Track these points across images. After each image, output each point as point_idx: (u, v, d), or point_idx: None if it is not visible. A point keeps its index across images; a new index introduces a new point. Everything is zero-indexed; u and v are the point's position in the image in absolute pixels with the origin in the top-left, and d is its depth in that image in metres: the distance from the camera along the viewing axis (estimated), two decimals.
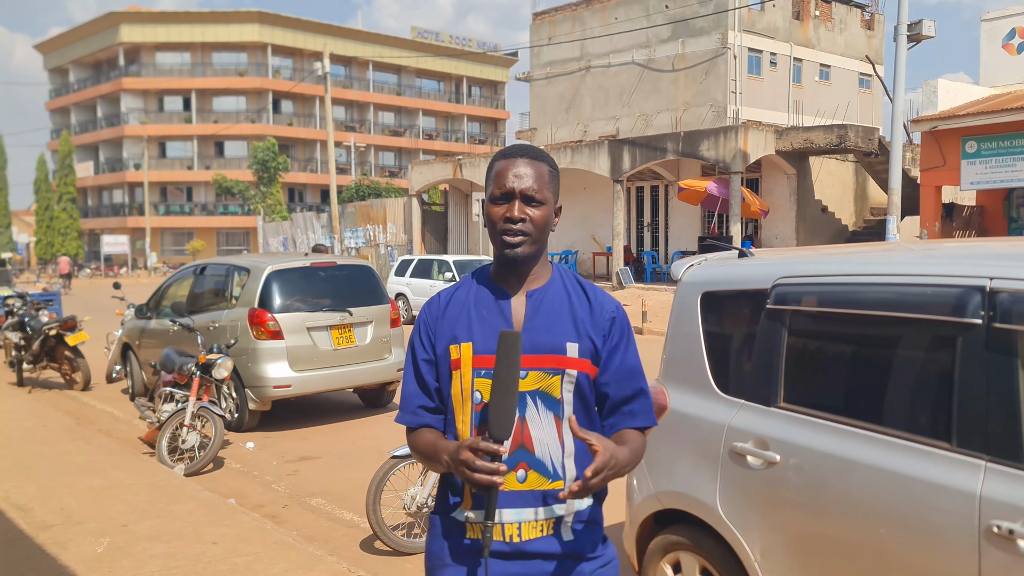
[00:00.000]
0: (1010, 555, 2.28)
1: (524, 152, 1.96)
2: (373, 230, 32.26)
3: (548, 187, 1.95)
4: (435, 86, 68.72)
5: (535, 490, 1.91)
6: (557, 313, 1.97)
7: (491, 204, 1.95)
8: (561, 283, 2.02)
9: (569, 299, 2.00)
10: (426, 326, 2.05)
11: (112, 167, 61.06)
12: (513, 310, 1.97)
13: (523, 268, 1.98)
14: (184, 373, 7.33)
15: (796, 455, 2.90)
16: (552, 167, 1.99)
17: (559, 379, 1.93)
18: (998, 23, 18.47)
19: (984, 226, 19.69)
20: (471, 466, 1.77)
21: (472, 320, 1.97)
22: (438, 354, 2.00)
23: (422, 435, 2.03)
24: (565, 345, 1.94)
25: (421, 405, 2.04)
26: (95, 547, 4.68)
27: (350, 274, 9.24)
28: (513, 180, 1.92)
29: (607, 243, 25.49)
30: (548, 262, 2.05)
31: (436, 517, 2.03)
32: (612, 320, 2.00)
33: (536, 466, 1.91)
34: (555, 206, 1.99)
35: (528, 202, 1.92)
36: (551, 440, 1.93)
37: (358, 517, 5.75)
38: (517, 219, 1.91)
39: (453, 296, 2.05)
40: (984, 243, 3.43)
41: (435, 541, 2.03)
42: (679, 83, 29.10)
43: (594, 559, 1.99)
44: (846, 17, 31.67)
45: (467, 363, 1.94)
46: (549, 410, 1.93)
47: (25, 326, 10.95)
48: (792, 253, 3.68)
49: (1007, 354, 2.40)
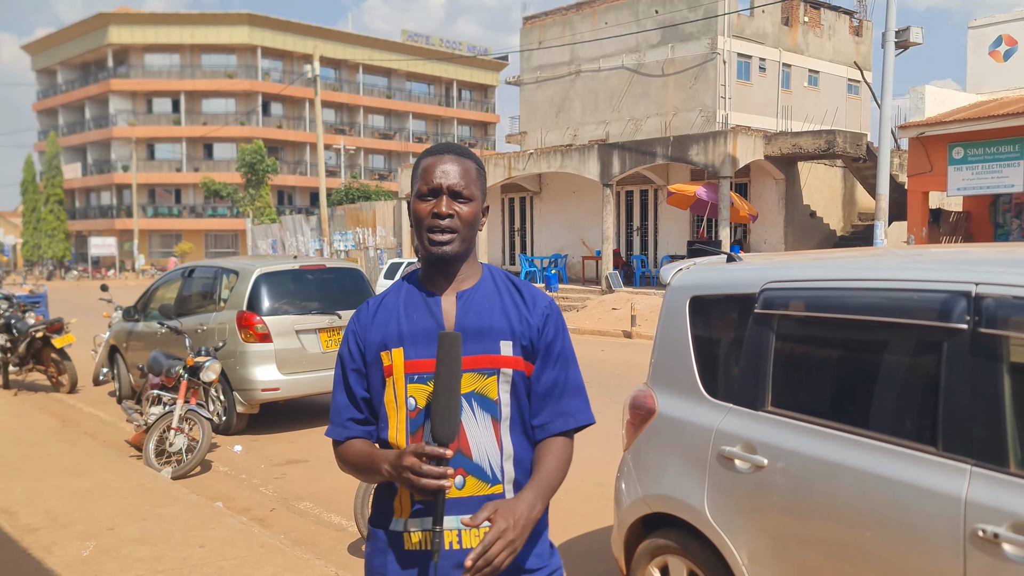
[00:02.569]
0: (995, 559, 2.29)
1: (451, 149, 1.95)
2: (362, 233, 32.19)
3: (475, 184, 1.94)
4: (425, 89, 68.72)
5: (474, 496, 1.86)
6: (489, 312, 1.92)
7: (418, 200, 1.92)
8: (492, 282, 1.99)
9: (500, 297, 1.96)
10: (355, 335, 2.00)
11: (100, 169, 60.74)
12: (444, 311, 1.93)
13: (452, 268, 1.94)
14: (172, 376, 7.30)
15: (783, 459, 2.92)
16: (479, 165, 1.97)
17: (495, 379, 1.89)
18: (985, 30, 18.60)
19: (970, 232, 19.81)
20: (417, 471, 1.73)
21: (402, 325, 1.92)
22: (368, 362, 1.96)
23: (353, 446, 1.97)
24: (499, 344, 1.90)
25: (350, 418, 1.99)
26: (81, 550, 4.65)
27: (339, 277, 9.22)
28: (440, 176, 1.90)
29: (596, 247, 25.52)
30: (477, 262, 2.01)
31: (379, 531, 1.97)
32: (546, 316, 1.97)
33: (474, 471, 1.87)
34: (483, 204, 1.97)
35: (456, 198, 1.90)
36: (489, 443, 1.89)
37: (346, 520, 5.73)
38: (445, 214, 1.88)
39: (382, 303, 2.00)
40: (970, 249, 3.46)
41: (376, 555, 1.97)
42: (669, 88, 29.19)
43: (540, 569, 1.94)
44: (835, 23, 31.86)
45: (399, 369, 1.90)
46: (486, 412, 1.89)
47: (11, 328, 10.87)
48: (780, 258, 3.69)
49: (992, 359, 2.42)
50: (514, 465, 1.91)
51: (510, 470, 1.91)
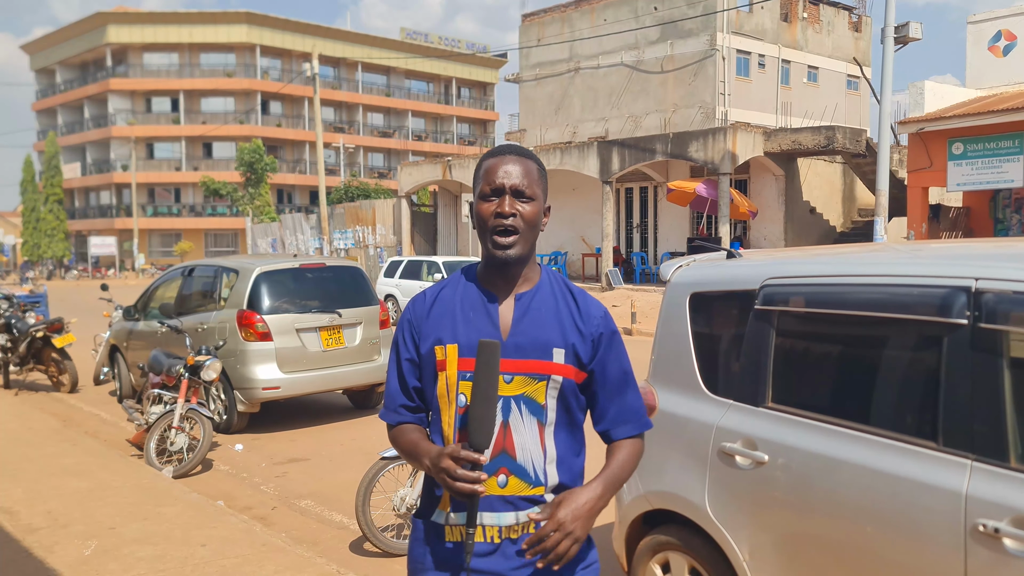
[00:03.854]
0: (996, 553, 2.29)
1: (512, 150, 1.97)
2: (362, 231, 32.19)
3: (537, 184, 1.95)
4: (424, 87, 68.67)
5: (516, 495, 1.90)
6: (544, 318, 1.95)
7: (481, 201, 1.94)
8: (550, 287, 2.01)
9: (557, 304, 1.98)
10: (410, 325, 2.02)
11: (99, 168, 60.72)
12: (500, 314, 1.95)
13: (513, 270, 1.96)
14: (172, 375, 7.30)
15: (784, 455, 2.92)
16: (540, 165, 1.99)
17: (544, 385, 1.92)
18: (984, 25, 18.59)
19: (970, 227, 19.81)
20: (452, 474, 1.78)
21: (458, 322, 1.95)
22: (422, 354, 1.99)
23: (405, 433, 2.03)
24: (552, 351, 1.92)
25: (403, 404, 2.04)
26: (82, 550, 4.65)
27: (339, 275, 9.22)
28: (503, 176, 1.91)
29: (596, 244, 25.52)
30: (537, 264, 2.03)
31: (418, 521, 2.02)
32: (601, 327, 1.99)
33: (517, 472, 1.90)
34: (544, 205, 1.98)
35: (518, 197, 1.92)
36: (533, 446, 1.92)
37: (347, 519, 5.73)
38: (508, 213, 1.89)
39: (439, 295, 2.02)
40: (970, 244, 3.45)
41: (416, 545, 2.02)
42: (668, 85, 29.17)
43: (576, 561, 1.98)
44: (834, 19, 31.82)
45: (452, 365, 1.93)
46: (533, 415, 1.92)
47: (11, 328, 10.87)
48: (780, 254, 3.69)
49: (992, 354, 2.42)
50: (557, 467, 1.95)
51: (553, 473, 1.95)
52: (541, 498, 1.92)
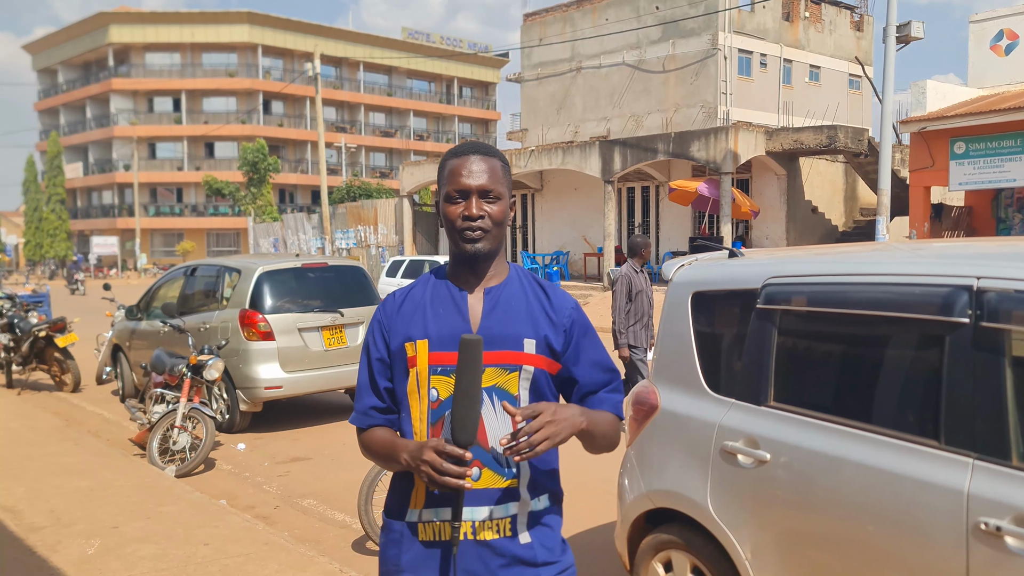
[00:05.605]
0: (997, 552, 2.30)
1: (476, 149, 1.96)
2: (364, 231, 32.19)
3: (502, 182, 1.96)
4: (426, 87, 68.67)
5: (489, 488, 1.89)
6: (514, 310, 1.95)
7: (447, 204, 1.94)
8: (519, 281, 2.02)
9: (527, 297, 1.99)
10: (380, 324, 2.03)
11: (101, 168, 60.77)
12: (470, 307, 1.96)
13: (482, 265, 1.97)
14: (175, 374, 7.31)
15: (786, 453, 2.92)
16: (504, 162, 1.99)
17: (516, 375, 1.92)
18: (986, 24, 18.57)
19: (972, 226, 19.80)
20: (437, 468, 1.76)
21: (428, 318, 1.95)
22: (392, 351, 1.99)
23: (375, 434, 2.01)
24: (522, 341, 1.93)
25: (373, 406, 2.02)
26: (85, 549, 4.66)
27: (341, 275, 9.23)
28: (467, 177, 1.92)
29: (598, 244, 25.51)
30: (505, 261, 2.04)
31: (393, 521, 1.99)
32: (571, 318, 2.00)
33: (490, 464, 1.89)
34: (510, 200, 1.99)
35: (484, 197, 1.92)
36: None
37: (350, 518, 5.74)
38: (476, 216, 1.90)
39: (409, 294, 2.04)
40: (972, 243, 3.45)
41: (390, 547, 1.98)
42: (670, 84, 29.16)
43: (552, 564, 1.96)
44: (835, 18, 31.80)
45: (423, 360, 1.93)
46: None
47: (14, 327, 10.89)
48: (782, 253, 3.69)
49: (994, 352, 2.42)
50: (530, 460, 1.93)
51: (525, 465, 1.94)
52: (515, 491, 1.91)
